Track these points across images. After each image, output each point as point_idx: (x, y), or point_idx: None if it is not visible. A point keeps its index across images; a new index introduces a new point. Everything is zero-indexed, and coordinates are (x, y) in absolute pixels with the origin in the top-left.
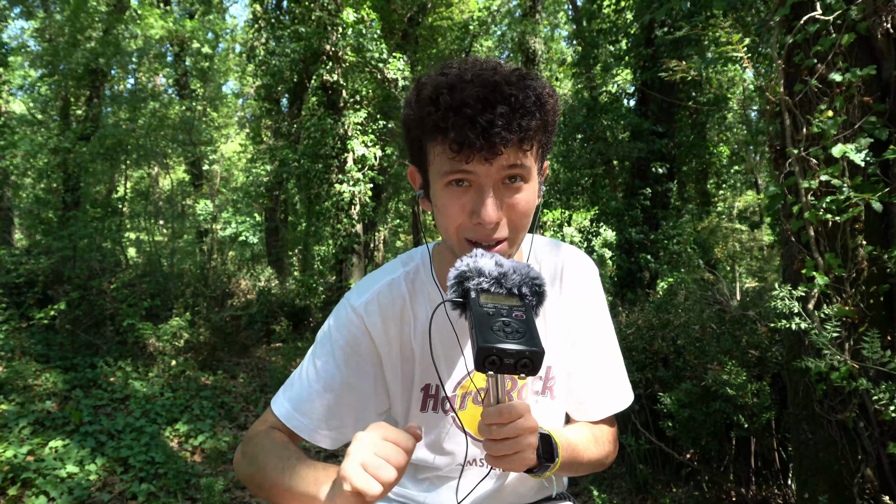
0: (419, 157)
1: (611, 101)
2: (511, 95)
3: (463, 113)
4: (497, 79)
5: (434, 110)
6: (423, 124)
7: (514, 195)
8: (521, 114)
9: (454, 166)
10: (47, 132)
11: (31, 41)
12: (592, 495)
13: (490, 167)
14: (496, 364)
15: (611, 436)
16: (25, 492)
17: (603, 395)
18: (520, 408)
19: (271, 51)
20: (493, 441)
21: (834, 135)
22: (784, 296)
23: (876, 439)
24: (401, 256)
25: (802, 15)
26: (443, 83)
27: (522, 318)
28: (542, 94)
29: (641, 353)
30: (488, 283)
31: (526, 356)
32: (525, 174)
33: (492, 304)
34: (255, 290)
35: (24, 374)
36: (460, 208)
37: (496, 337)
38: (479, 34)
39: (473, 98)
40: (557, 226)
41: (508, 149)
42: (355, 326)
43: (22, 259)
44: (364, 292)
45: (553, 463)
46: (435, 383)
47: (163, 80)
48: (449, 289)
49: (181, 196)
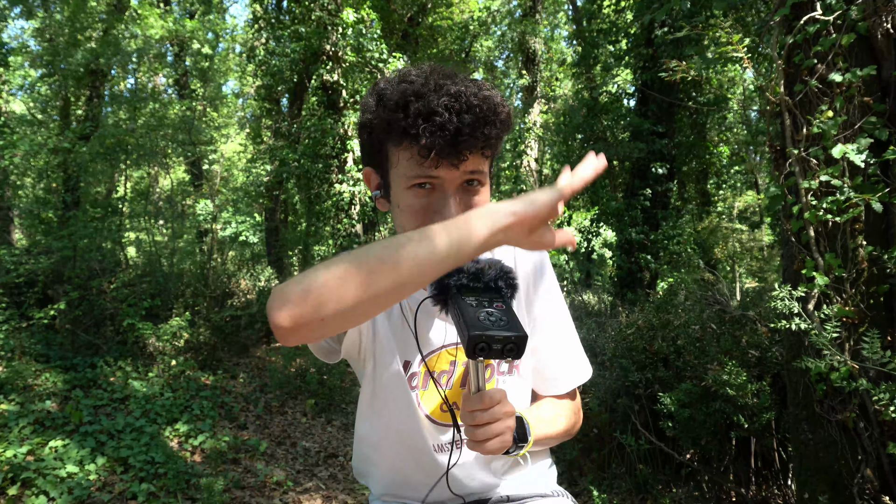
0: (378, 159)
1: (611, 101)
2: (475, 105)
3: (433, 120)
4: (460, 88)
5: (403, 117)
6: (390, 129)
7: (472, 197)
8: (484, 122)
9: (422, 171)
10: (47, 132)
11: (31, 41)
12: (592, 495)
13: (455, 171)
14: (485, 350)
15: (575, 407)
16: (25, 492)
17: (567, 370)
18: (499, 394)
19: (271, 51)
20: (475, 426)
21: (834, 135)
22: (784, 296)
23: (876, 439)
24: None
25: (802, 15)
26: (409, 90)
27: (503, 307)
28: (498, 104)
29: (641, 353)
30: (467, 278)
31: (512, 341)
32: (482, 178)
33: (473, 298)
34: (255, 290)
35: (24, 374)
36: (424, 209)
37: (484, 325)
38: (479, 34)
39: (442, 106)
40: (557, 226)
41: (472, 155)
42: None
43: (22, 259)
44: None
45: (526, 443)
46: (407, 359)
47: (163, 80)
48: (429, 286)
49: (181, 196)
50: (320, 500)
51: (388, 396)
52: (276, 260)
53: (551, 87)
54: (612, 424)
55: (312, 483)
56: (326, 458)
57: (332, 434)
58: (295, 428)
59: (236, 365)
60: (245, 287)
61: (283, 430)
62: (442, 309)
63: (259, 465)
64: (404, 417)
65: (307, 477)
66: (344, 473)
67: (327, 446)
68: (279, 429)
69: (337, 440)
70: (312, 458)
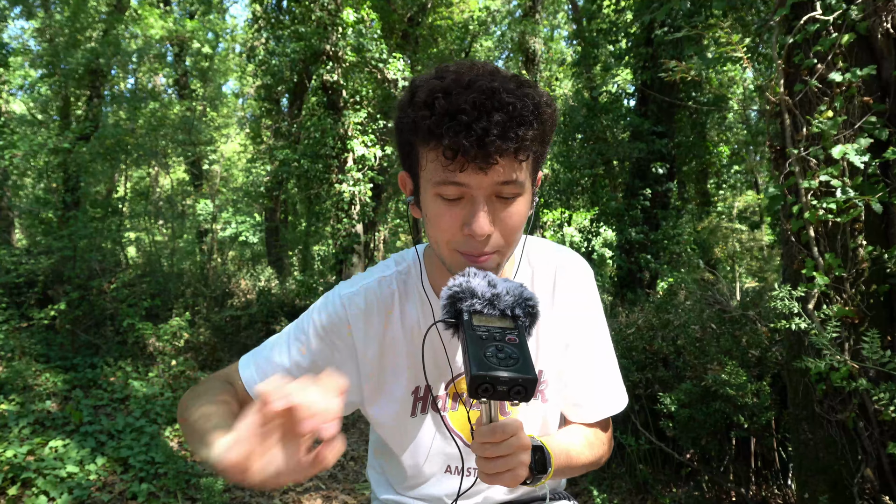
0: (410, 162)
1: (611, 101)
2: (509, 103)
3: (458, 119)
4: (495, 85)
5: (428, 115)
6: (417, 128)
7: (506, 209)
8: (517, 122)
9: (447, 176)
10: (47, 132)
11: (31, 41)
12: (592, 495)
13: (484, 177)
14: (489, 391)
15: (605, 437)
16: (25, 492)
17: (598, 397)
18: (513, 426)
19: (271, 51)
20: (486, 459)
21: (834, 135)
22: (784, 296)
23: (876, 439)
24: (394, 255)
25: (802, 15)
26: (438, 87)
27: (515, 342)
28: (540, 102)
29: (641, 353)
30: (481, 304)
31: (519, 383)
32: (519, 189)
33: (484, 327)
34: (255, 290)
35: (24, 374)
36: (452, 219)
37: (489, 364)
38: (479, 34)
39: (470, 104)
40: (557, 226)
41: (503, 159)
42: (338, 315)
43: (22, 259)
44: (353, 285)
45: (545, 474)
46: (426, 384)
47: (163, 80)
48: (441, 308)
49: (181, 196)
50: (320, 500)
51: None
52: (276, 260)
53: (551, 87)
54: (613, 424)
55: (312, 483)
56: None
57: None
58: None
59: None
60: (245, 287)
61: None
62: (454, 334)
63: None
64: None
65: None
66: (344, 474)
67: None
68: None
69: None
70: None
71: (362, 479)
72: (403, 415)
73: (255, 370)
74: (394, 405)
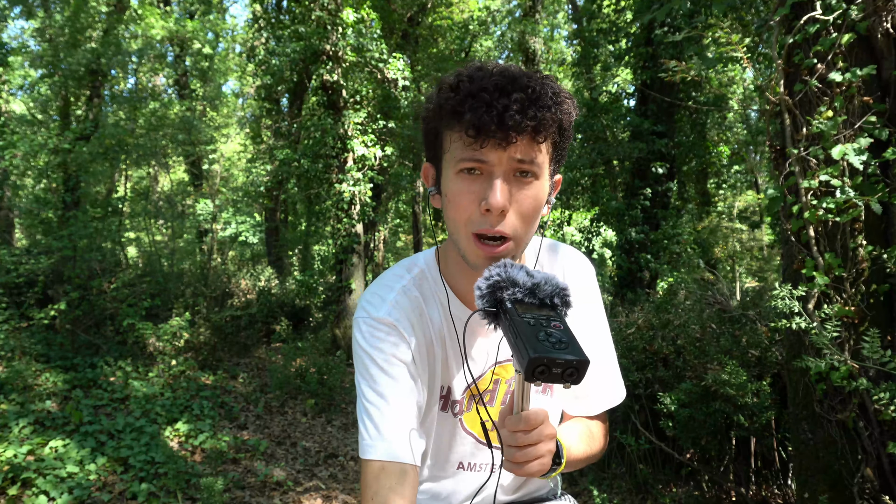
0: (434, 149)
1: (611, 100)
2: (528, 86)
3: (480, 97)
4: (515, 72)
5: (453, 96)
6: (442, 111)
7: (523, 189)
8: (536, 104)
9: (469, 153)
10: (47, 132)
11: (31, 41)
12: (592, 495)
13: (503, 154)
14: (545, 374)
15: (604, 430)
16: (25, 492)
17: (600, 391)
18: (541, 415)
19: (271, 51)
20: (516, 447)
21: (834, 135)
22: (784, 296)
23: (876, 439)
24: (402, 263)
25: (802, 15)
26: (464, 73)
27: (561, 328)
28: (560, 93)
29: (641, 353)
30: (522, 293)
31: (573, 365)
32: (536, 171)
33: (529, 315)
34: (255, 290)
35: (24, 374)
36: (471, 196)
37: (544, 347)
38: (479, 34)
39: (492, 85)
40: (557, 226)
41: (522, 139)
42: (398, 339)
43: (22, 259)
44: (382, 303)
45: (559, 465)
46: (448, 385)
47: (163, 80)
48: (479, 298)
49: (181, 196)
50: (320, 500)
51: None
52: (276, 260)
53: None
54: (613, 424)
55: (312, 483)
56: (326, 458)
57: (332, 434)
58: (295, 428)
59: (236, 365)
60: (245, 287)
61: (283, 430)
62: (491, 323)
63: (259, 465)
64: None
65: (307, 477)
66: (344, 473)
67: (327, 446)
68: (279, 429)
69: (337, 440)
70: (312, 458)
71: None
72: (435, 407)
73: (404, 444)
74: (431, 403)
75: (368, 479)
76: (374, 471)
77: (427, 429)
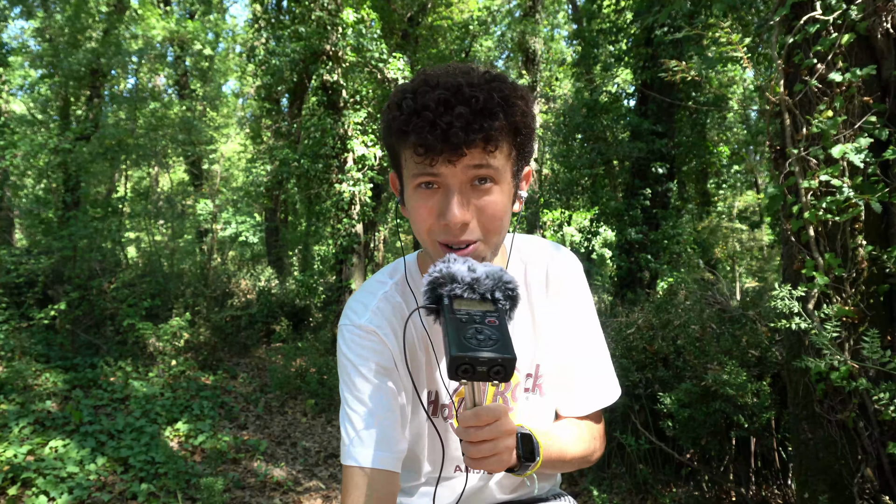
0: (395, 163)
1: (611, 101)
2: (472, 97)
3: (423, 116)
4: (461, 81)
5: (398, 115)
6: (391, 129)
7: (482, 197)
8: (482, 115)
9: (421, 169)
10: (47, 132)
11: (31, 41)
12: (592, 495)
13: (454, 168)
14: (469, 372)
15: (597, 432)
16: (25, 492)
17: (589, 389)
18: (497, 411)
19: (271, 51)
20: (470, 444)
21: (834, 135)
22: (784, 296)
23: (876, 439)
24: (385, 269)
25: (802, 15)
26: (408, 88)
27: (495, 323)
28: (509, 95)
29: (641, 353)
30: (461, 288)
31: (499, 363)
32: (494, 175)
33: (465, 311)
34: (255, 290)
35: (24, 374)
36: (429, 210)
37: (468, 345)
38: (479, 34)
39: (434, 101)
40: (557, 226)
41: (473, 150)
42: (379, 345)
43: (22, 259)
44: (364, 311)
45: (534, 462)
46: (435, 390)
47: (163, 81)
48: (422, 295)
49: (181, 196)
50: (320, 500)
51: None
52: (276, 260)
53: (551, 87)
54: (612, 424)
55: (312, 483)
56: (326, 458)
57: (332, 434)
58: (295, 428)
59: (236, 365)
60: (245, 287)
61: (283, 430)
62: (436, 320)
63: (259, 465)
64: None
65: (307, 477)
66: None
67: (327, 446)
68: (279, 429)
69: (337, 440)
70: (312, 458)
71: None
72: (422, 416)
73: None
74: (418, 408)
75: (348, 486)
76: (354, 476)
77: (418, 433)
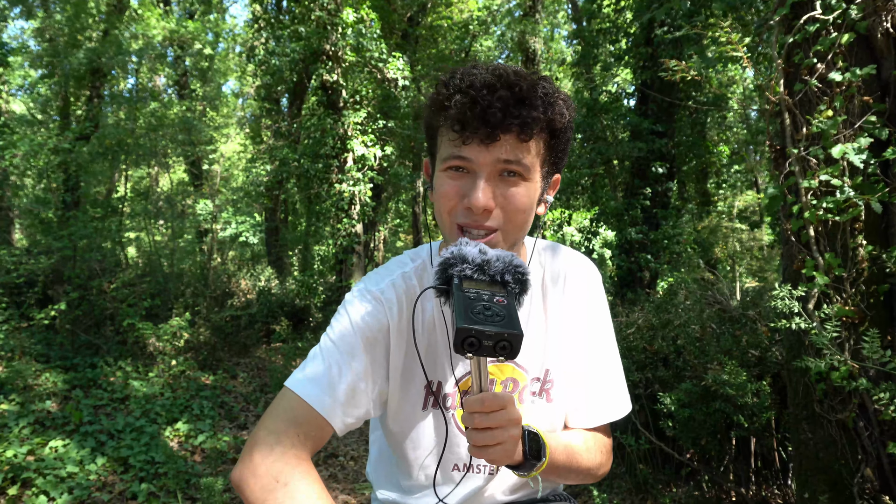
0: (431, 147)
1: (611, 100)
2: (516, 84)
3: (466, 93)
4: (509, 71)
5: (444, 91)
6: (433, 106)
7: (509, 188)
8: (522, 102)
9: (453, 150)
10: (47, 132)
11: (31, 41)
12: (592, 495)
13: (486, 153)
14: (475, 346)
15: (605, 446)
16: (25, 492)
17: (599, 402)
18: (503, 398)
19: (271, 51)
20: (475, 430)
21: (834, 134)
22: (784, 296)
23: (876, 439)
24: (408, 252)
25: (802, 14)
26: (459, 70)
27: (504, 302)
28: (553, 94)
29: (641, 353)
30: (471, 269)
31: (504, 338)
32: (523, 172)
33: (474, 290)
34: (255, 290)
35: (24, 374)
36: (455, 190)
37: (475, 319)
38: (479, 34)
39: (480, 82)
40: (557, 226)
41: (507, 138)
42: (378, 312)
43: (22, 259)
44: (381, 281)
45: (540, 462)
46: (437, 380)
47: (163, 81)
48: (433, 276)
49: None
50: None
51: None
52: (276, 260)
53: None
54: (612, 424)
55: None
56: (326, 458)
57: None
58: None
59: (236, 365)
60: (245, 287)
61: None
62: (445, 301)
63: None
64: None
65: None
66: (344, 473)
67: (327, 446)
68: None
69: (337, 440)
70: (312, 459)
71: (362, 479)
72: (416, 407)
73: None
74: (410, 397)
75: (277, 404)
76: (286, 399)
77: (418, 424)
